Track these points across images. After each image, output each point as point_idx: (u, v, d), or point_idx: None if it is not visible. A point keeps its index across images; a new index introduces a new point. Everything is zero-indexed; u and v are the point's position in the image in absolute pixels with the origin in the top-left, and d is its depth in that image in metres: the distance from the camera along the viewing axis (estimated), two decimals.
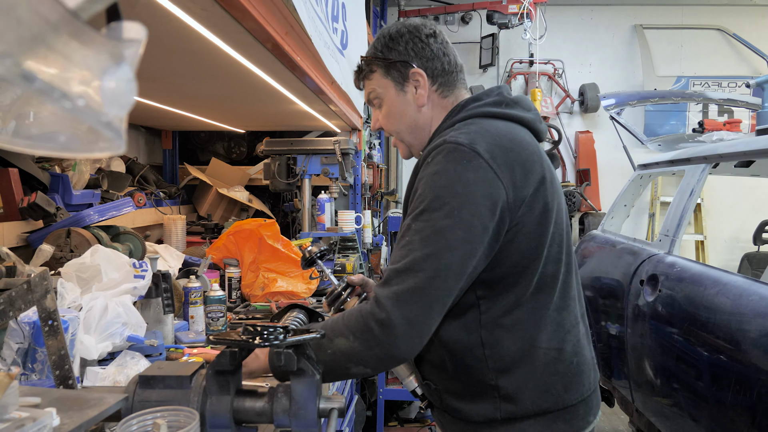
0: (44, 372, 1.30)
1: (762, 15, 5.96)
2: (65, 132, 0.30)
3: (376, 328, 1.00)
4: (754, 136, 2.80)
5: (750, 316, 1.84)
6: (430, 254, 1.01)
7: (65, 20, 0.26)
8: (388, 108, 1.25)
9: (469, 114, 1.16)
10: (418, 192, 1.07)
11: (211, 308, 2.03)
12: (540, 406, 1.12)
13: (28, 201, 2.17)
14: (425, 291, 1.00)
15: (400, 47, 1.21)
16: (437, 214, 1.02)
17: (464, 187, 1.02)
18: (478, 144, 1.05)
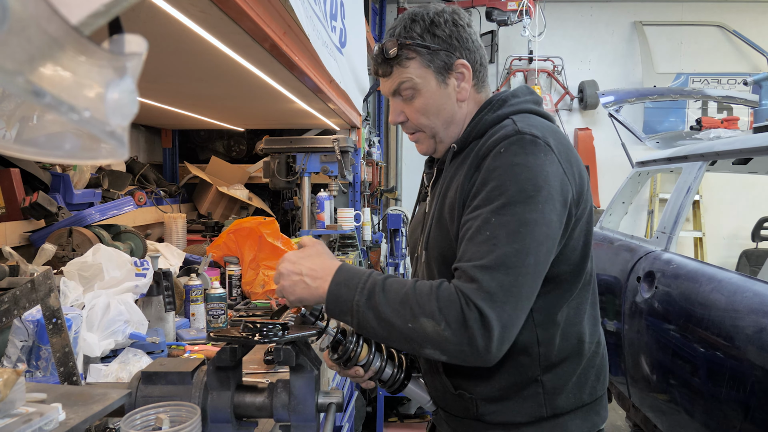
0: (48, 369, 1.32)
1: (762, 12, 5.96)
2: (70, 140, 0.32)
3: (476, 326, 0.93)
4: (751, 133, 2.82)
5: (744, 313, 1.86)
6: (520, 250, 0.96)
7: (69, 36, 0.28)
8: (425, 101, 1.14)
9: (517, 109, 1.12)
10: (493, 183, 1.00)
11: (212, 306, 2.05)
12: (580, 399, 1.12)
13: (30, 201, 2.19)
14: (518, 290, 0.96)
15: (444, 34, 1.11)
16: (522, 207, 0.97)
17: (545, 180, 0.99)
18: (549, 138, 1.02)
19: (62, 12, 0.31)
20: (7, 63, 0.22)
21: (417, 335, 0.96)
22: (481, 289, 0.94)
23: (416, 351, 0.99)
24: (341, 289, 1.01)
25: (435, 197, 1.19)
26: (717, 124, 3.56)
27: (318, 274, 1.04)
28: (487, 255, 0.96)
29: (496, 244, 0.96)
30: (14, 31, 0.22)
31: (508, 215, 0.97)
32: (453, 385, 1.16)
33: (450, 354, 0.96)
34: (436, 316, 0.95)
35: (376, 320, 0.98)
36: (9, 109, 0.36)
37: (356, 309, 0.99)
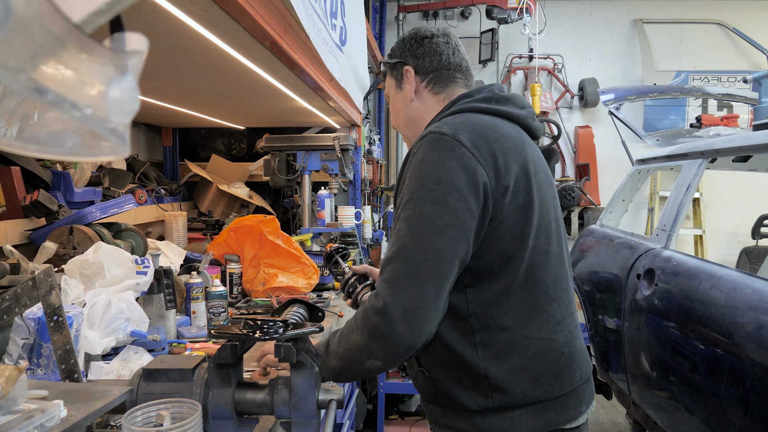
0: (49, 367, 1.33)
1: (762, 9, 5.95)
2: (72, 137, 0.32)
3: (376, 318, 1.02)
4: (751, 131, 2.82)
5: (743, 310, 1.87)
6: (419, 240, 1.04)
7: (71, 34, 0.28)
8: (391, 104, 1.37)
9: (459, 108, 1.20)
10: (406, 182, 1.11)
11: (213, 303, 2.06)
12: (531, 396, 1.14)
13: (31, 199, 2.19)
14: (416, 275, 1.02)
15: (401, 49, 1.32)
16: (423, 201, 1.05)
17: (447, 174, 1.05)
18: (460, 134, 1.09)
19: (64, 10, 0.32)
20: (10, 61, 0.23)
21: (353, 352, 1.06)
22: (384, 279, 1.04)
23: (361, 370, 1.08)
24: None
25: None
26: (717, 122, 3.56)
27: None
28: (391, 248, 1.07)
29: (399, 237, 1.06)
30: (17, 29, 0.22)
31: (410, 209, 1.06)
32: (417, 361, 1.24)
33: (377, 354, 1.05)
34: (354, 326, 1.07)
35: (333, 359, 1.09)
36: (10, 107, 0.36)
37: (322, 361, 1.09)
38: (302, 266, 2.53)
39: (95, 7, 0.32)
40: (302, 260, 2.54)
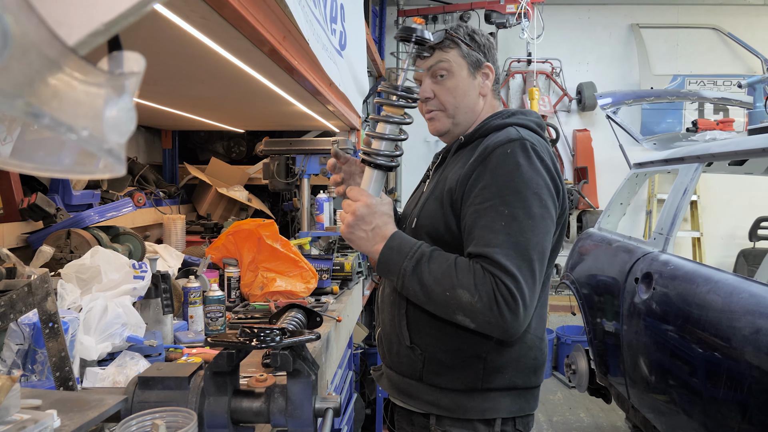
0: (44, 373, 1.32)
1: (756, 14, 5.98)
2: (68, 155, 0.33)
3: (504, 305, 1.09)
4: (746, 135, 2.83)
5: (740, 314, 1.87)
6: (531, 240, 1.13)
7: (69, 57, 0.29)
8: (456, 83, 1.35)
9: (522, 122, 1.32)
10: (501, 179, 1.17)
11: (210, 308, 2.05)
12: (514, 383, 1.29)
13: (28, 202, 2.19)
14: (536, 276, 1.14)
15: (480, 42, 1.38)
16: (532, 201, 1.15)
17: (545, 183, 1.19)
18: (544, 151, 1.24)
19: (63, 32, 0.32)
20: (7, 87, 0.23)
21: (453, 303, 1.13)
22: (507, 272, 1.10)
23: (449, 316, 1.16)
24: (393, 253, 1.20)
25: (435, 179, 1.38)
26: (713, 126, 3.57)
27: (380, 233, 1.23)
28: (505, 244, 1.12)
29: (510, 234, 1.13)
30: (15, 56, 0.23)
31: (518, 210, 1.14)
32: (410, 338, 1.32)
33: (478, 323, 1.13)
34: (471, 290, 1.11)
35: (419, 285, 1.16)
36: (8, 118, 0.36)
37: (402, 273, 1.18)
38: (301, 270, 2.53)
39: (93, 28, 0.32)
40: (301, 264, 2.53)
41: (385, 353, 1.45)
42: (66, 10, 0.32)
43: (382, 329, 1.47)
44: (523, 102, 5.87)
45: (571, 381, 3.57)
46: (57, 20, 0.32)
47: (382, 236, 1.23)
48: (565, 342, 5.24)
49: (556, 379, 5.22)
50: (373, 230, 1.23)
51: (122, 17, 0.33)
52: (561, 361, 5.19)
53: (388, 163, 1.27)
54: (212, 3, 1.12)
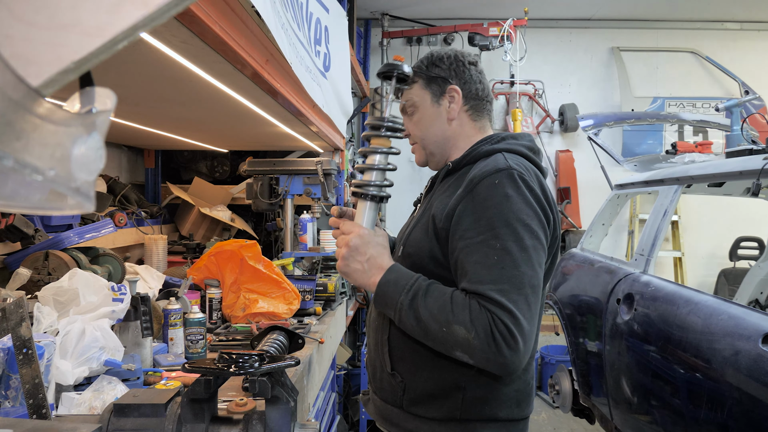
0: (18, 399, 1.29)
1: (732, 38, 6.15)
2: (37, 192, 0.32)
3: (502, 341, 1.07)
4: (724, 157, 2.89)
5: (720, 336, 1.89)
6: (525, 273, 1.11)
7: (35, 100, 0.29)
8: (420, 116, 1.37)
9: (512, 148, 1.29)
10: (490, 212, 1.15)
11: (191, 330, 2.03)
12: (495, 415, 1.25)
13: (6, 222, 2.16)
14: (531, 308, 1.10)
15: (444, 66, 1.36)
16: (523, 234, 1.13)
17: (535, 212, 1.16)
18: (533, 181, 1.20)
19: (32, 70, 0.32)
20: None
21: (451, 339, 1.10)
22: (503, 308, 1.07)
23: (448, 352, 1.14)
24: (389, 287, 1.18)
25: (424, 206, 1.37)
26: (691, 149, 3.65)
27: (375, 265, 1.21)
28: (500, 279, 1.10)
29: (504, 268, 1.10)
30: None
31: (510, 243, 1.12)
32: (391, 365, 1.31)
33: (477, 359, 1.10)
34: (468, 326, 1.09)
35: (415, 320, 1.14)
36: None
37: (399, 308, 1.16)
38: (283, 291, 2.51)
39: (63, 66, 0.33)
40: (283, 285, 2.52)
41: (371, 378, 1.43)
42: (35, 49, 0.32)
43: (369, 354, 1.46)
44: (506, 123, 5.95)
45: (555, 401, 3.56)
46: (26, 59, 0.32)
47: (378, 268, 1.21)
48: (549, 362, 5.24)
49: (540, 399, 5.21)
50: (368, 261, 1.21)
51: (93, 55, 0.34)
52: (545, 381, 5.18)
53: (379, 193, 1.28)
54: (193, 28, 1.13)
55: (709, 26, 6.14)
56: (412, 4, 5.75)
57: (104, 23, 0.34)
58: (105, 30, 0.34)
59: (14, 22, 0.33)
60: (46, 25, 0.33)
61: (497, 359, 1.07)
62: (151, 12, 0.34)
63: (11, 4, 0.33)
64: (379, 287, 1.19)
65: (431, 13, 6.01)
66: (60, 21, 0.33)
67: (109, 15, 0.34)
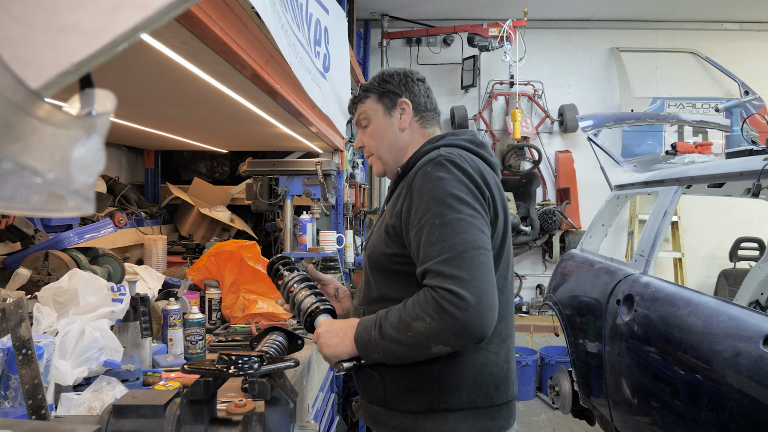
0: (17, 399, 1.29)
1: (732, 39, 6.15)
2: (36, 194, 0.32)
3: (450, 306, 1.11)
4: (724, 158, 2.89)
5: (720, 337, 1.89)
6: (467, 239, 1.17)
7: (35, 102, 0.29)
8: (374, 127, 1.48)
9: (450, 143, 1.38)
10: (429, 195, 1.23)
11: (190, 331, 2.03)
12: (473, 401, 1.30)
13: (6, 223, 2.16)
14: (477, 267, 1.15)
15: (395, 82, 1.48)
16: (457, 207, 1.20)
17: (468, 189, 1.24)
18: (465, 164, 1.28)
19: (31, 72, 0.32)
20: None
21: (418, 338, 1.15)
22: (447, 276, 1.13)
23: (426, 354, 1.18)
24: (363, 334, 1.26)
25: (382, 212, 1.47)
26: (691, 149, 3.65)
27: (347, 329, 1.30)
28: (443, 251, 1.16)
29: (445, 240, 1.17)
30: None
31: (448, 216, 1.19)
32: (369, 365, 1.35)
33: (447, 341, 1.14)
34: (420, 315, 1.15)
35: (392, 344, 1.20)
36: None
37: (376, 344, 1.22)
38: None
39: (63, 68, 0.33)
40: None
41: (358, 383, 1.48)
42: (34, 52, 0.32)
43: None
44: (506, 123, 5.95)
45: (555, 402, 3.56)
46: (25, 61, 0.32)
47: (351, 327, 1.30)
48: (548, 363, 5.24)
49: (540, 400, 5.21)
50: (340, 331, 1.31)
51: (92, 57, 0.34)
52: (545, 382, 5.18)
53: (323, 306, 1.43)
54: (193, 29, 1.13)
55: (709, 27, 6.14)
56: (412, 4, 5.75)
57: (103, 26, 0.34)
58: (104, 32, 0.34)
59: (13, 25, 0.33)
60: (46, 27, 0.33)
61: (456, 326, 1.11)
62: (151, 14, 0.34)
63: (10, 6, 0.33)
64: (357, 340, 1.27)
65: (431, 14, 6.01)
66: (59, 23, 0.33)
67: (109, 17, 0.34)
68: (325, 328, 1.33)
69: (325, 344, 1.31)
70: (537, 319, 5.62)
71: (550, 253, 5.91)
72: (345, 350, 1.29)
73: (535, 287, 6.10)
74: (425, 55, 6.15)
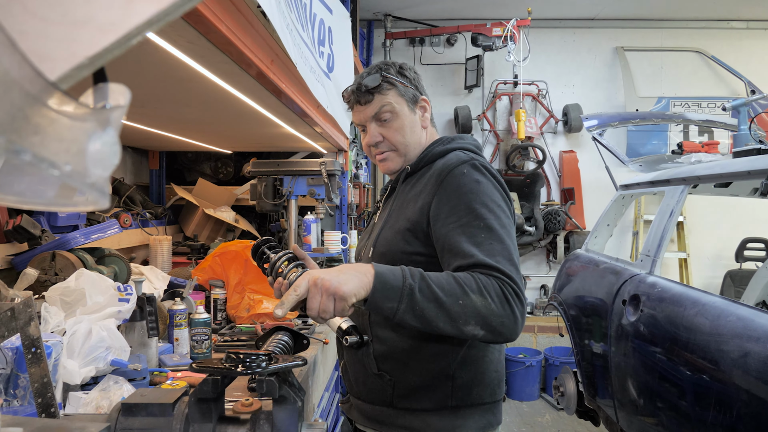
0: (26, 398, 1.29)
1: (738, 37, 6.12)
2: (51, 188, 0.32)
3: (514, 301, 1.13)
4: (731, 157, 2.87)
5: (728, 337, 1.88)
6: (510, 245, 1.21)
7: (52, 93, 0.29)
8: (402, 122, 1.40)
9: (463, 146, 1.40)
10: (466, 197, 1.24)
11: (196, 331, 2.03)
12: (481, 398, 1.34)
13: (14, 223, 2.16)
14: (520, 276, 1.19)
15: (410, 77, 1.43)
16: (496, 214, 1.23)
17: (501, 195, 1.28)
18: (493, 171, 1.32)
19: (46, 66, 0.32)
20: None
21: (468, 310, 1.10)
22: (504, 275, 1.14)
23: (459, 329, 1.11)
24: (388, 276, 1.10)
25: (387, 210, 1.44)
26: (698, 149, 3.63)
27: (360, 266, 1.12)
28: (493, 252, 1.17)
29: (493, 243, 1.18)
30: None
31: (490, 220, 1.21)
32: (377, 365, 1.35)
33: (490, 328, 1.12)
34: (483, 293, 1.12)
35: (429, 302, 1.09)
36: None
37: (407, 292, 1.09)
38: None
39: (78, 61, 0.32)
40: None
41: (352, 383, 1.45)
42: (49, 45, 0.32)
43: (346, 359, 1.47)
44: (510, 123, 5.93)
45: (560, 403, 3.55)
46: (40, 55, 0.32)
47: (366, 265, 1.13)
48: (553, 363, 5.22)
49: (544, 401, 5.20)
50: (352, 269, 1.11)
51: (107, 51, 0.33)
52: (549, 382, 5.17)
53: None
54: (200, 28, 1.13)
55: (715, 25, 6.11)
56: (415, 4, 5.75)
57: (118, 19, 0.34)
58: (118, 26, 0.34)
59: (28, 18, 0.33)
60: (60, 20, 0.33)
61: (511, 321, 1.13)
62: (165, 7, 0.34)
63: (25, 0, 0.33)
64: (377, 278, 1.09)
65: (434, 14, 6.00)
66: (73, 17, 0.33)
67: (123, 11, 0.34)
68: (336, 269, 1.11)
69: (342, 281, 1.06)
70: (541, 320, 5.61)
71: (555, 253, 5.89)
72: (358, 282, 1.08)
73: (539, 288, 6.08)
74: (428, 55, 6.14)
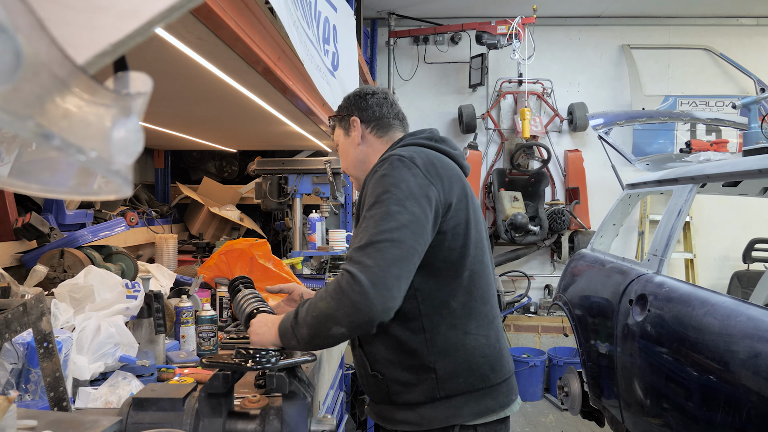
0: (38, 393, 1.30)
1: (748, 35, 6.06)
2: (74, 176, 0.32)
3: (347, 287, 1.15)
4: (740, 156, 2.86)
5: (738, 338, 1.86)
6: (384, 230, 1.20)
7: (78, 77, 0.29)
8: (340, 150, 1.61)
9: (406, 143, 1.48)
10: (368, 193, 1.31)
11: (202, 328, 2.03)
12: (471, 384, 1.36)
13: (23, 221, 2.17)
14: (383, 257, 1.17)
15: (346, 104, 1.60)
16: (387, 202, 1.24)
17: (407, 185, 1.28)
18: (415, 159, 1.33)
19: (70, 52, 0.32)
20: (19, 109, 0.23)
21: (320, 319, 1.18)
22: (352, 261, 1.18)
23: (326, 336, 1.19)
24: (284, 322, 1.27)
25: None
26: (707, 147, 3.61)
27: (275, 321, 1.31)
28: (360, 240, 1.22)
29: (366, 230, 1.22)
30: (27, 77, 0.23)
31: (375, 209, 1.24)
32: (370, 366, 1.42)
33: (342, 321, 1.16)
34: (323, 296, 1.20)
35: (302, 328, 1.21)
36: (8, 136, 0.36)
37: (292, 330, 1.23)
38: None
39: (101, 48, 0.32)
40: None
41: (364, 385, 1.53)
42: (72, 32, 0.32)
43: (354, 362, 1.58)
44: (515, 122, 5.92)
45: (564, 403, 3.54)
46: (64, 41, 0.32)
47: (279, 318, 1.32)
48: (556, 363, 5.21)
49: (548, 401, 5.18)
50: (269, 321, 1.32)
51: (129, 38, 0.33)
52: (553, 383, 5.15)
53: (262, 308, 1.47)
54: (209, 24, 1.13)
55: (724, 22, 6.05)
56: (419, 3, 5.73)
57: (139, 5, 0.34)
58: (140, 12, 0.34)
59: (51, 5, 0.33)
60: (83, 7, 0.33)
61: (349, 307, 1.14)
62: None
63: None
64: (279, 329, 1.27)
65: (438, 12, 5.99)
66: (95, 3, 0.33)
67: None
68: (258, 320, 1.37)
69: (252, 332, 1.33)
70: (545, 320, 5.59)
71: (559, 253, 5.87)
72: (269, 339, 1.29)
73: (543, 287, 6.07)
74: (433, 54, 6.13)
